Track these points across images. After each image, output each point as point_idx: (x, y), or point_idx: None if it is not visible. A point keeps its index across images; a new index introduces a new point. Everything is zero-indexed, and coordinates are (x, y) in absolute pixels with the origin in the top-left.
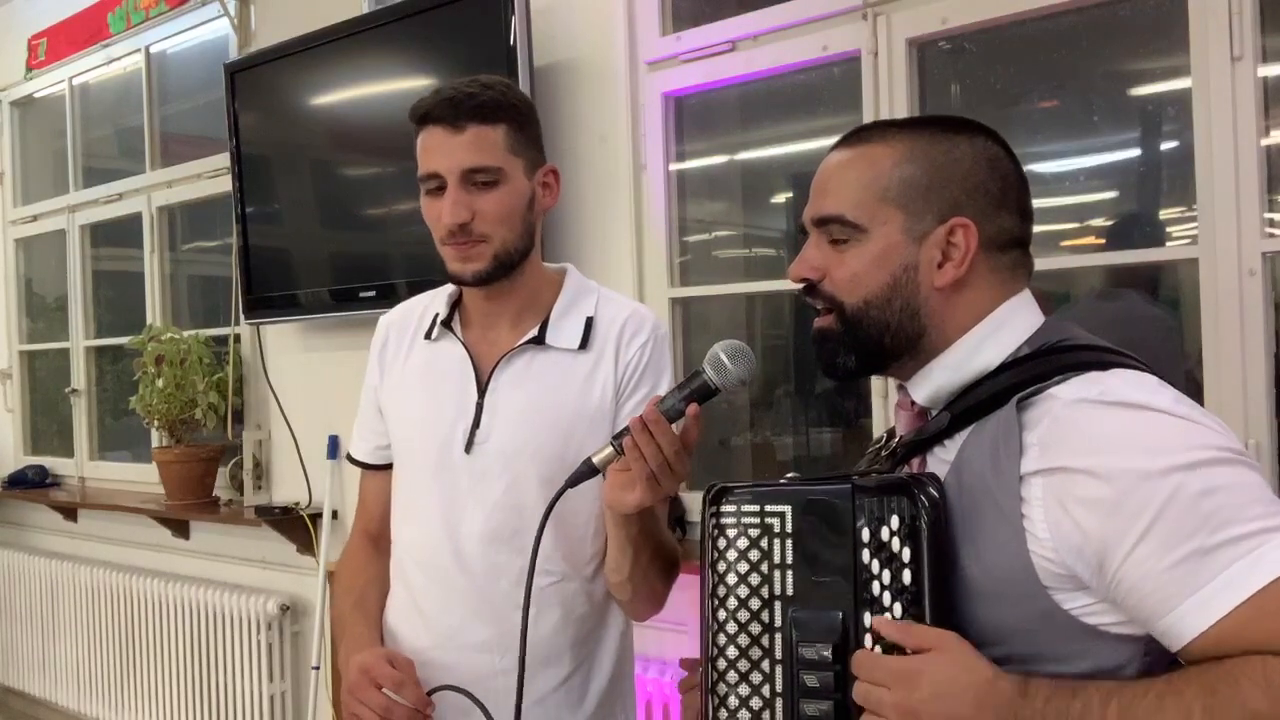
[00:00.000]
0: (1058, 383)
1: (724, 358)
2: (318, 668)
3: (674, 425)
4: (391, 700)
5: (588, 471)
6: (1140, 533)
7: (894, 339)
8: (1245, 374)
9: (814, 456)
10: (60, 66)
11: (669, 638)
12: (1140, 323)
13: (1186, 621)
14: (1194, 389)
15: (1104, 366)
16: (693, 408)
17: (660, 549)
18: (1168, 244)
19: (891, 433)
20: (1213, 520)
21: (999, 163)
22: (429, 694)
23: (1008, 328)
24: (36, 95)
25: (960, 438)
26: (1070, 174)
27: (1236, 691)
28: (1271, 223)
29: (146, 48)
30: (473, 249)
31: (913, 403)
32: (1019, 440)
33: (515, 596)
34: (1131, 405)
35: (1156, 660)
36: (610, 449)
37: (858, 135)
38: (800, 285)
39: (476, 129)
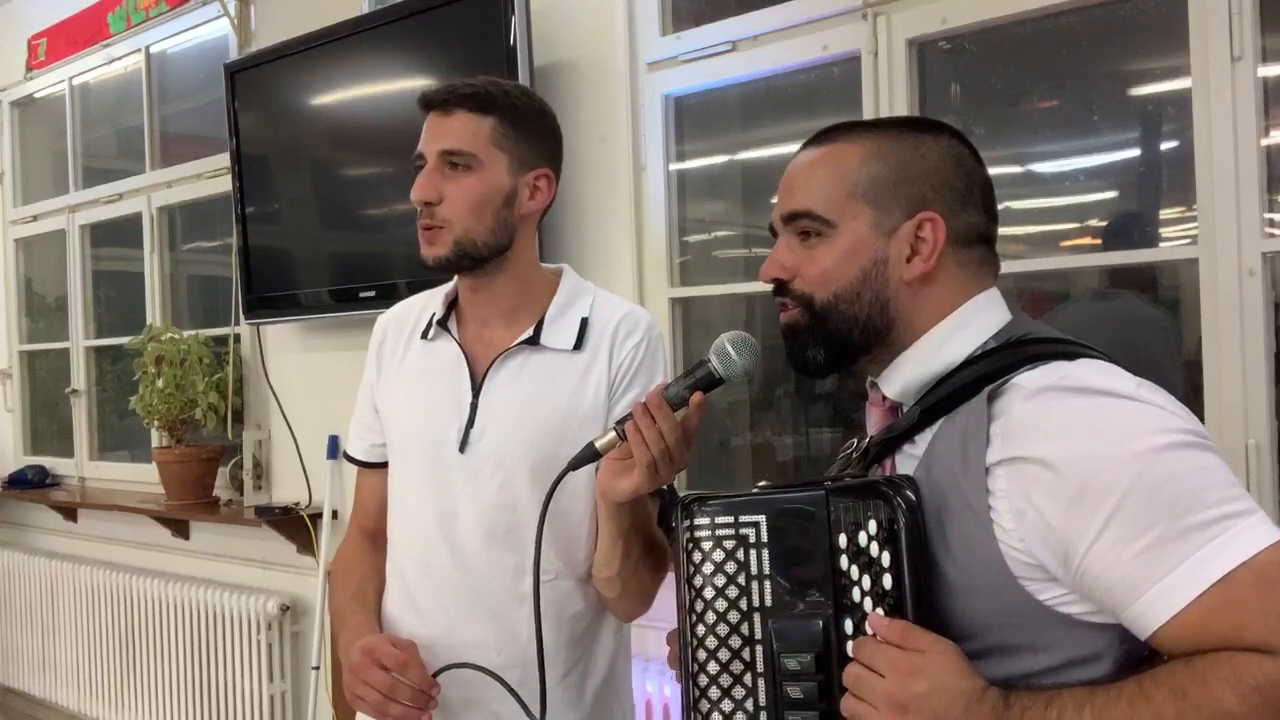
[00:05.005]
0: (1023, 372)
1: (729, 348)
2: (318, 668)
3: (676, 413)
4: (396, 679)
5: (590, 455)
6: (1102, 523)
7: (863, 332)
8: (1245, 374)
9: (814, 457)
10: (60, 66)
11: None
12: (1136, 322)
13: (1152, 610)
14: (1193, 389)
15: (1070, 357)
16: (696, 396)
17: (651, 544)
18: (1167, 244)
19: (864, 436)
20: (1174, 507)
21: (964, 161)
22: (434, 675)
23: (975, 322)
24: (36, 95)
25: (929, 433)
26: (1070, 174)
27: (1207, 692)
28: (1271, 223)
29: (146, 48)
30: (435, 234)
31: (884, 398)
32: (985, 431)
33: (511, 594)
34: (1092, 391)
35: (1135, 647)
36: (613, 433)
37: (825, 135)
38: (770, 285)
39: (465, 116)
